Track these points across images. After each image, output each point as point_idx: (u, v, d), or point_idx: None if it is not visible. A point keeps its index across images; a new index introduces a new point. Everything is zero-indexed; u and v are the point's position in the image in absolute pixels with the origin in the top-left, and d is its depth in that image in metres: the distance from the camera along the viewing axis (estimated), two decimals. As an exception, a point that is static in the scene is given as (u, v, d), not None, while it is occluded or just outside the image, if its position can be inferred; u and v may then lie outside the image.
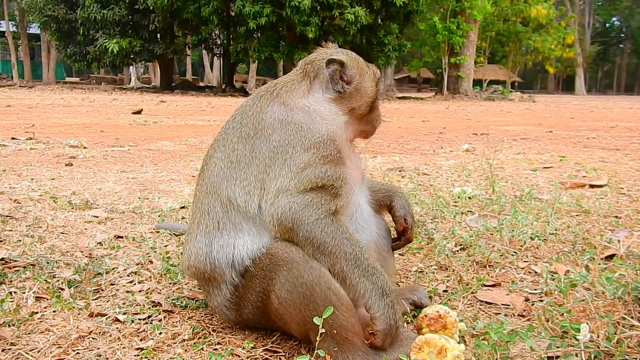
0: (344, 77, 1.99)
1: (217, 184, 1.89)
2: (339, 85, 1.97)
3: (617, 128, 12.33)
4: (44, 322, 2.04)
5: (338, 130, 1.94)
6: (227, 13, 30.29)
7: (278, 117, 1.88)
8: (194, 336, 1.96)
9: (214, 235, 1.87)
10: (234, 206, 1.84)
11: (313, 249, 1.74)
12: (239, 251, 1.83)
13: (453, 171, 5.75)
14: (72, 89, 31.64)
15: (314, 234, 1.73)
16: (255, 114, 1.92)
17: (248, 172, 1.84)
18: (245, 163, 1.86)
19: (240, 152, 1.88)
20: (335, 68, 1.97)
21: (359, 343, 1.72)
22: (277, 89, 1.99)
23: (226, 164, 1.89)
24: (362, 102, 2.04)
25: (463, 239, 3.07)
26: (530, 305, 2.20)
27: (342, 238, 1.74)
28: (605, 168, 5.93)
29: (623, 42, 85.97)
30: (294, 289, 1.72)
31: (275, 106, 1.92)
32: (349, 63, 2.00)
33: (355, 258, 1.73)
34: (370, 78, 2.08)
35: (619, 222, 3.45)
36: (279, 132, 1.84)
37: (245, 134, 1.90)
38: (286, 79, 2.04)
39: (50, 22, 31.78)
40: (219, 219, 1.87)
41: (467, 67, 35.32)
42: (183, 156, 6.84)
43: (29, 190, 4.43)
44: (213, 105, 20.37)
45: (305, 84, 1.99)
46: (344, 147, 1.95)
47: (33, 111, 14.27)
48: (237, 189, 1.84)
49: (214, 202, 1.89)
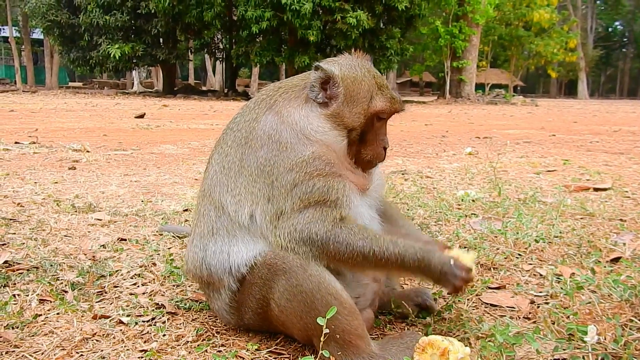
0: (327, 91, 1.85)
1: (212, 187, 1.90)
2: (315, 94, 1.84)
3: (620, 132, 12.30)
4: (48, 324, 2.04)
5: (329, 145, 1.83)
6: (229, 17, 30.37)
7: (268, 132, 1.82)
8: (198, 338, 1.95)
9: (208, 240, 1.87)
10: (225, 213, 1.84)
11: (334, 260, 1.72)
12: (234, 259, 1.82)
13: (456, 174, 5.74)
14: (75, 94, 31.75)
15: (328, 247, 1.70)
16: (250, 121, 1.89)
17: (238, 182, 1.83)
18: (235, 172, 1.84)
19: (232, 158, 1.87)
20: (318, 76, 1.84)
21: (362, 346, 1.71)
22: (277, 95, 1.92)
23: (219, 168, 1.90)
24: (350, 127, 1.87)
25: (467, 241, 3.05)
26: (536, 308, 2.19)
27: (357, 240, 1.70)
28: (609, 172, 5.91)
29: (626, 47, 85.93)
30: (294, 297, 1.71)
31: (270, 117, 1.86)
32: (338, 79, 1.84)
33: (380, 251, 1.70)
34: (361, 108, 1.86)
35: (624, 225, 3.44)
36: (265, 148, 1.80)
37: (238, 139, 1.88)
38: (289, 84, 1.98)
39: (53, 27, 31.91)
40: (212, 223, 1.87)
41: (469, 71, 35.32)
42: (186, 159, 6.85)
43: (33, 193, 4.43)
44: (215, 109, 20.41)
45: (305, 93, 1.89)
46: (338, 160, 1.84)
47: (36, 116, 14.31)
48: (228, 196, 1.84)
49: (208, 205, 1.90)
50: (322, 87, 1.85)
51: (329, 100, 1.85)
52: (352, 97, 1.86)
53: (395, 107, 1.94)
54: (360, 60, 1.96)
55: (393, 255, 1.70)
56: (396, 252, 1.70)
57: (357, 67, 1.91)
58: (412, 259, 1.71)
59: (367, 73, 1.91)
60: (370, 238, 1.71)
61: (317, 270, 1.71)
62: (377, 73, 1.96)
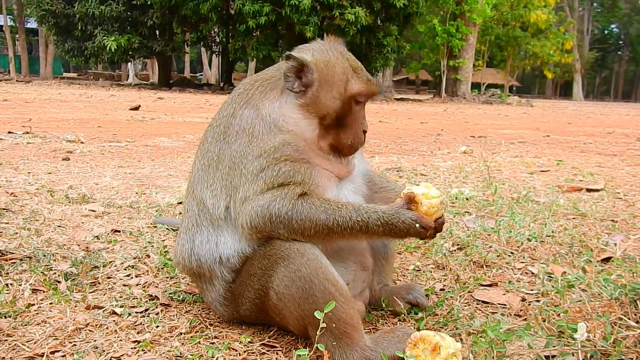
0: (302, 79, 1.85)
1: (194, 184, 1.95)
2: (290, 84, 1.84)
3: (613, 134, 12.38)
4: (41, 314, 2.04)
5: (300, 134, 1.85)
6: (226, 11, 30.22)
7: (243, 126, 1.85)
8: (191, 330, 1.96)
9: (194, 231, 1.90)
10: (205, 207, 1.88)
11: (302, 236, 1.74)
12: (223, 249, 1.85)
13: (450, 172, 5.76)
14: (69, 85, 31.51)
15: (292, 224, 1.72)
16: (228, 116, 1.92)
17: (215, 177, 1.87)
18: (213, 167, 1.88)
19: (211, 154, 1.90)
20: (291, 65, 1.83)
21: (357, 338, 1.72)
22: (254, 88, 1.94)
23: (200, 165, 1.94)
24: (325, 113, 1.87)
25: (460, 239, 3.07)
26: (527, 305, 2.21)
27: (319, 213, 1.72)
28: (601, 173, 5.95)
29: (621, 49, 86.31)
30: (292, 283, 1.72)
31: (246, 111, 1.88)
32: (312, 66, 1.83)
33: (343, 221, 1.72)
34: (337, 91, 1.85)
35: (615, 225, 3.47)
36: (239, 142, 1.83)
37: (217, 134, 1.92)
38: (265, 76, 1.97)
39: (48, 16, 31.56)
40: (196, 217, 1.91)
41: (465, 70, 35.36)
42: (180, 152, 6.83)
43: (26, 183, 4.41)
44: (211, 103, 20.32)
45: (280, 84, 1.89)
46: (308, 148, 1.85)
47: (30, 106, 14.20)
48: (207, 191, 1.88)
49: (192, 200, 1.94)
50: (296, 75, 1.85)
51: (305, 89, 1.86)
52: (327, 82, 1.86)
53: (372, 89, 1.93)
54: (333, 44, 1.96)
55: (357, 223, 1.72)
56: (359, 219, 1.72)
57: (330, 51, 1.90)
58: (376, 224, 1.73)
59: (340, 56, 1.91)
60: (332, 209, 1.72)
61: (314, 254, 1.73)
62: (350, 56, 1.95)
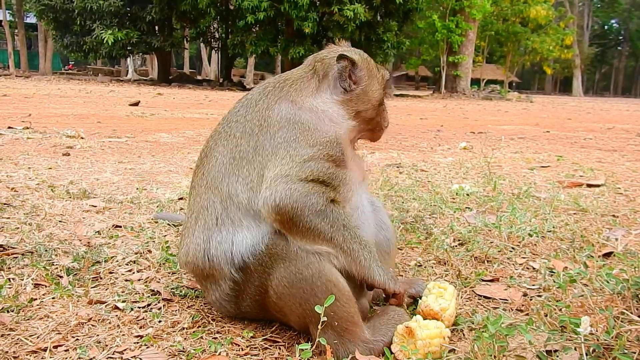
0: (352, 77, 1.96)
1: (219, 179, 1.86)
2: (346, 82, 1.95)
3: (613, 129, 12.37)
4: (43, 308, 2.04)
5: (343, 134, 1.93)
6: (225, 6, 30.14)
7: (286, 116, 1.85)
8: (194, 325, 1.96)
9: (213, 231, 1.84)
10: (234, 203, 1.82)
11: (313, 238, 1.73)
12: (238, 247, 1.80)
13: (451, 168, 5.76)
14: (69, 80, 31.42)
15: (314, 223, 1.72)
16: (262, 110, 1.89)
17: (250, 168, 1.82)
18: (247, 160, 1.83)
19: (244, 148, 1.85)
20: (344, 65, 1.94)
21: (358, 333, 1.73)
22: (286, 85, 1.95)
23: (228, 160, 1.86)
24: (369, 106, 2.01)
25: (461, 234, 3.07)
26: (529, 300, 2.21)
27: (340, 225, 1.75)
28: (602, 168, 5.95)
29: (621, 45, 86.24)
30: (293, 284, 1.72)
31: (284, 104, 1.89)
32: (360, 63, 1.97)
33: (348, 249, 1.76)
34: (378, 81, 2.04)
35: (616, 221, 3.47)
36: (285, 130, 1.82)
37: (250, 129, 1.87)
38: (294, 76, 2.01)
39: (47, 11, 31.40)
40: (217, 214, 1.84)
41: (465, 66, 35.30)
42: (180, 148, 6.82)
43: (27, 178, 4.41)
44: (211, 98, 20.30)
45: (314, 83, 1.96)
46: (347, 149, 1.93)
47: (30, 101, 14.17)
48: (239, 185, 1.82)
49: (213, 197, 1.86)
50: (349, 74, 1.96)
51: (355, 86, 1.97)
52: (373, 76, 2.03)
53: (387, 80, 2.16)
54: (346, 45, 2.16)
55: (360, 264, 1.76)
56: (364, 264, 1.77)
57: (359, 52, 2.06)
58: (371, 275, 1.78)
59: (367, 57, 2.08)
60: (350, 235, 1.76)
61: (317, 258, 1.72)
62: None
